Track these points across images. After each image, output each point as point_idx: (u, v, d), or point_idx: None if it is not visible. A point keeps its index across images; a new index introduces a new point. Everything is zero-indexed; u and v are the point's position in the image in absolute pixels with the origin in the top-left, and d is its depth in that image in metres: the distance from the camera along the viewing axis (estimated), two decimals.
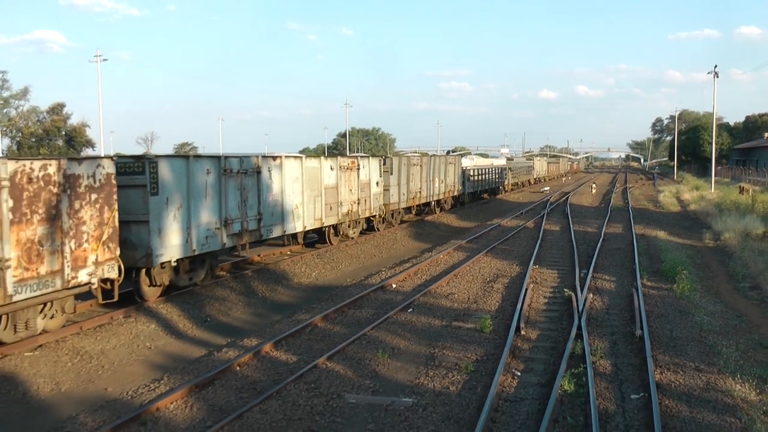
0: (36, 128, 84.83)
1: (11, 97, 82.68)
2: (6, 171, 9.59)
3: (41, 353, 10.52)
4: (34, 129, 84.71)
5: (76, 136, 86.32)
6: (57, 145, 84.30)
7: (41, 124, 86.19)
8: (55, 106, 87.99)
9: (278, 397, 8.41)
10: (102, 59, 49.53)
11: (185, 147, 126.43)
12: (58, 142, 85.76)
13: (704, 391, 8.62)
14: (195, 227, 13.58)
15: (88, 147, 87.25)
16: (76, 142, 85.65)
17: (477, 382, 9.00)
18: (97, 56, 49.90)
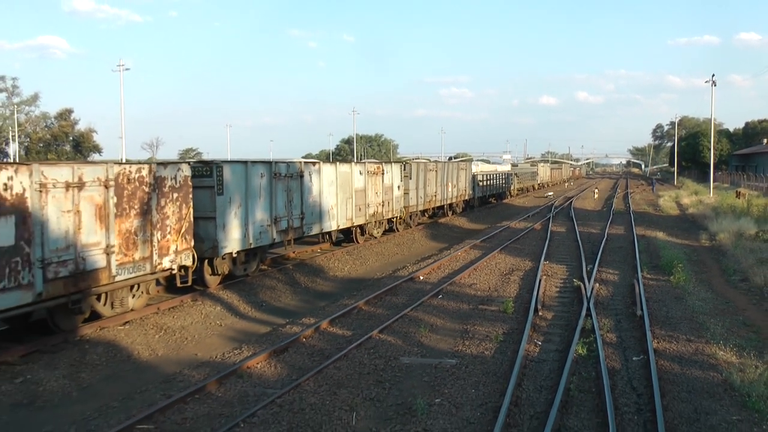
0: (44, 133, 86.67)
1: (22, 103, 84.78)
2: (112, 173, 11.53)
3: (131, 327, 12.41)
4: (42, 134, 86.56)
5: (83, 142, 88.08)
6: (64, 150, 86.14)
7: (49, 129, 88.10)
8: (63, 112, 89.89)
9: (346, 359, 10.31)
10: (124, 68, 51.51)
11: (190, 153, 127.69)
12: (66, 147, 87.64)
13: (693, 355, 10.50)
14: (251, 224, 15.52)
15: (95, 152, 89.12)
16: (84, 147, 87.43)
17: (506, 348, 10.90)
18: (119, 65, 52.00)
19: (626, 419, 7.91)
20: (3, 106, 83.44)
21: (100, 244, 11.37)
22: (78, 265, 10.95)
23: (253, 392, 9.00)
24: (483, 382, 9.33)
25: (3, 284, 9.66)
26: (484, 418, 7.98)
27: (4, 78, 78.45)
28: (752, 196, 44.17)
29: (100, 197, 11.32)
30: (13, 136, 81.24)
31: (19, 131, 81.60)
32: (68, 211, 10.73)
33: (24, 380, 9.78)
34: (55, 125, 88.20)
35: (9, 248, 9.74)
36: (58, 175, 10.55)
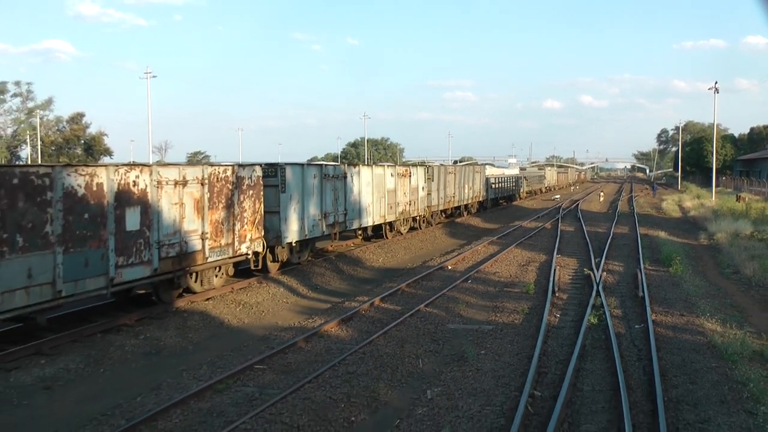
0: (56, 137, 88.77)
1: (36, 107, 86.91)
2: (206, 173, 14.01)
3: (214, 302, 14.85)
4: (54, 138, 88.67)
5: (94, 145, 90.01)
6: (76, 154, 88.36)
7: (61, 133, 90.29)
8: (75, 116, 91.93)
9: (403, 324, 12.74)
10: (152, 76, 54.06)
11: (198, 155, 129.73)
12: (77, 150, 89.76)
13: (684, 324, 12.89)
14: (306, 217, 18.00)
15: (106, 155, 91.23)
16: (95, 150, 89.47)
17: (531, 318, 13.33)
18: (146, 73, 54.54)
19: (629, 364, 10.30)
20: (18, 110, 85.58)
21: (197, 231, 13.85)
22: (182, 248, 13.43)
23: (336, 347, 11.43)
24: (516, 340, 11.76)
25: (132, 260, 12.13)
26: (521, 363, 10.40)
27: (19, 83, 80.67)
28: (752, 200, 46.55)
29: (197, 193, 13.81)
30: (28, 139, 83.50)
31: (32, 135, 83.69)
32: (175, 203, 13.20)
33: (145, 337, 12.25)
34: (67, 129, 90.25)
35: (136, 232, 12.22)
36: (169, 175, 13.03)
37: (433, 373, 10.12)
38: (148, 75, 54.85)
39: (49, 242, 10.51)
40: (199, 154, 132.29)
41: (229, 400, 8.90)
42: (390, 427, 8.02)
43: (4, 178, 9.82)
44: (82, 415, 8.74)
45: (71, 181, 10.86)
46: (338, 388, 9.22)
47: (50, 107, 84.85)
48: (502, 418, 8.16)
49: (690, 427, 7.90)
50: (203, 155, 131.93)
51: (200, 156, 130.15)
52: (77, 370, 10.57)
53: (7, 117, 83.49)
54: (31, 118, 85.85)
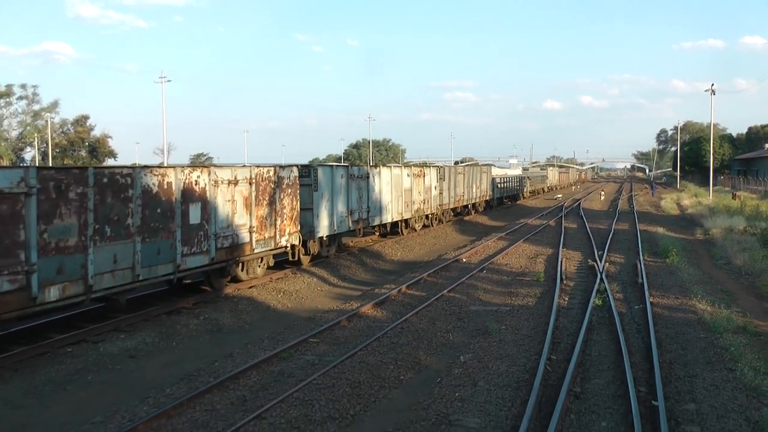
0: (60, 139, 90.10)
1: (42, 110, 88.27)
2: (254, 173, 15.72)
3: (257, 290, 16.54)
4: (59, 140, 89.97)
5: (99, 147, 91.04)
6: (80, 156, 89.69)
7: (66, 135, 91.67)
8: (80, 118, 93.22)
9: (431, 306, 14.45)
10: (166, 80, 55.78)
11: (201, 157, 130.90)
12: (81, 152, 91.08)
13: (678, 305, 14.59)
14: (335, 214, 19.71)
15: (110, 157, 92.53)
16: (99, 152, 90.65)
17: (543, 301, 15.04)
18: (161, 78, 56.30)
19: (630, 336, 12.00)
20: (24, 113, 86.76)
21: (246, 224, 15.56)
22: (233, 240, 15.14)
23: (375, 324, 13.14)
24: (531, 318, 13.48)
25: (194, 249, 13.85)
26: (537, 335, 12.10)
27: (24, 86, 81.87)
28: (747, 198, 48.29)
29: (246, 191, 15.52)
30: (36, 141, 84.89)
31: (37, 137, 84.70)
32: (228, 200, 14.92)
33: (205, 318, 13.95)
34: (72, 131, 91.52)
35: (197, 225, 13.93)
36: (223, 175, 14.75)
37: (462, 343, 11.82)
38: (163, 79, 56.60)
39: (130, 233, 12.22)
40: (201, 156, 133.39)
41: (295, 365, 10.60)
42: (434, 383, 9.72)
43: (97, 178, 11.52)
44: (170, 376, 10.44)
45: (147, 181, 12.58)
46: (386, 354, 10.94)
47: (56, 110, 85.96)
48: (526, 374, 9.88)
49: (680, 380, 9.61)
50: (206, 157, 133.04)
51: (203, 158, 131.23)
52: (154, 343, 12.27)
53: (13, 120, 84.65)
54: (37, 120, 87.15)
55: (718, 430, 7.94)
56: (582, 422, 8.16)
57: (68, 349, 11.53)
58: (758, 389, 9.21)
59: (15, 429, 8.62)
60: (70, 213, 10.99)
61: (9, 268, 10.01)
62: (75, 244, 11.09)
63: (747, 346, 11.42)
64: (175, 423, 8.33)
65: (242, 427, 7.95)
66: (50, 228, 10.65)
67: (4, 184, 9.95)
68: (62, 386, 10.09)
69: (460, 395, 9.10)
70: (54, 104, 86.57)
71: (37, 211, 10.38)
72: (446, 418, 8.30)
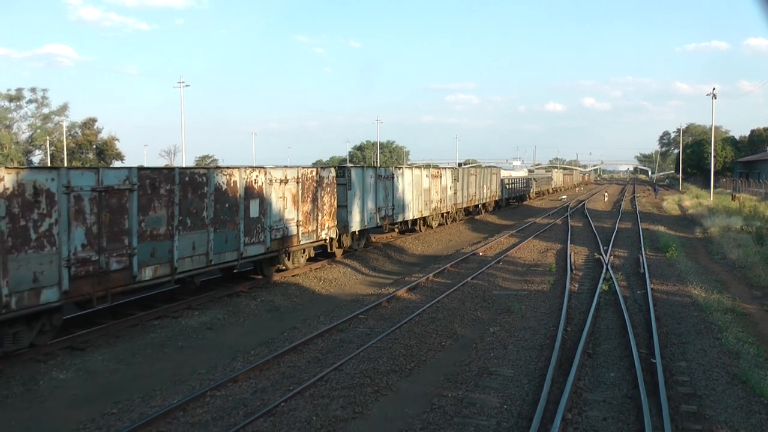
0: (68, 142, 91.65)
1: (52, 113, 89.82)
2: (300, 174, 17.77)
3: (300, 278, 18.58)
4: (67, 142, 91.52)
5: (106, 149, 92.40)
6: (88, 158, 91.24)
7: (74, 138, 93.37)
8: (87, 121, 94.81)
9: (458, 290, 16.48)
10: (184, 85, 57.83)
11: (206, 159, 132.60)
12: (89, 155, 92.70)
13: (676, 290, 16.61)
14: (365, 211, 21.76)
15: (118, 159, 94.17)
16: (107, 154, 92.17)
17: (556, 287, 17.06)
18: (180, 83, 58.36)
19: (633, 313, 14.01)
20: (33, 116, 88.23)
21: (294, 219, 17.62)
22: (284, 232, 17.20)
23: (412, 305, 15.17)
24: (547, 300, 15.51)
25: (253, 240, 15.90)
26: (553, 313, 14.13)
27: (34, 89, 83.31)
28: (747, 199, 50.22)
29: (294, 189, 17.58)
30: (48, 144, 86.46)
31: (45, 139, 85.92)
32: (280, 197, 16.97)
33: (262, 300, 15.99)
34: (80, 134, 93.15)
35: (255, 218, 15.98)
36: (276, 175, 16.81)
37: (490, 319, 13.86)
38: (181, 84, 58.65)
39: (205, 224, 14.28)
40: (207, 158, 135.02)
41: (352, 335, 12.64)
42: (471, 348, 11.75)
43: (181, 177, 13.58)
44: (249, 343, 12.47)
45: (219, 179, 14.63)
46: (427, 326, 12.98)
47: (65, 113, 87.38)
48: (547, 340, 11.91)
49: (674, 345, 11.63)
50: (211, 159, 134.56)
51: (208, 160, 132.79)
52: (225, 319, 14.32)
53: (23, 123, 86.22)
54: (47, 123, 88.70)
55: (703, 379, 9.95)
56: (595, 373, 10.19)
57: (155, 322, 13.59)
58: (738, 352, 11.22)
59: (134, 379, 10.66)
60: (161, 206, 13.05)
61: (117, 251, 12.07)
62: (164, 233, 13.16)
63: (733, 322, 13.44)
64: (267, 374, 10.37)
65: (325, 376, 9.99)
66: (146, 218, 12.71)
67: (114, 182, 12.00)
68: (160, 349, 12.15)
69: (495, 355, 11.14)
70: (63, 107, 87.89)
71: (137, 204, 12.44)
72: (486, 370, 10.34)
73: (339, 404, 8.94)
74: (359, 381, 9.85)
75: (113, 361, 11.46)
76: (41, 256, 10.69)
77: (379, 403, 9.14)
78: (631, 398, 9.05)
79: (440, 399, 9.17)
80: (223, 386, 9.78)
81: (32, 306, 10.64)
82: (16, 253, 10.28)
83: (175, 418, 8.68)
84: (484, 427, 8.15)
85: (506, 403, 8.94)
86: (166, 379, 10.41)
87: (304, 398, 9.15)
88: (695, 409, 8.68)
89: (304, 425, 8.25)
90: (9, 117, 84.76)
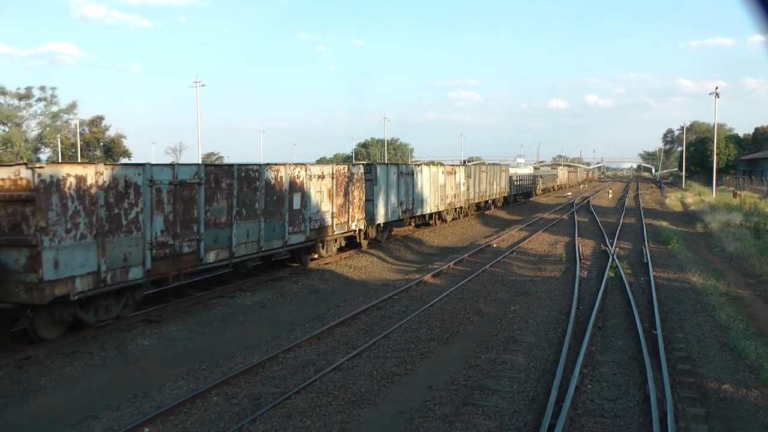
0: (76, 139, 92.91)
1: (61, 111, 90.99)
2: (334, 170, 19.55)
3: (332, 265, 20.38)
4: (74, 140, 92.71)
5: (114, 147, 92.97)
6: (95, 155, 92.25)
7: (81, 135, 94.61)
8: (95, 119, 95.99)
9: (477, 277, 18.26)
10: (200, 85, 59.53)
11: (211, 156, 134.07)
12: (96, 152, 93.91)
13: (676, 278, 18.36)
14: (389, 205, 23.56)
15: (125, 156, 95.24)
16: (114, 152, 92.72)
17: (567, 273, 18.84)
18: (196, 82, 60.08)
19: (636, 296, 15.77)
20: (42, 114, 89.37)
21: (329, 211, 19.41)
22: (321, 223, 18.99)
23: (438, 288, 16.95)
24: (559, 284, 17.29)
25: (295, 229, 17.70)
26: (566, 295, 15.91)
27: (44, 88, 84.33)
28: (747, 196, 51.89)
29: (329, 184, 19.37)
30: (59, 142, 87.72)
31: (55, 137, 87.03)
32: (318, 191, 18.76)
33: (302, 284, 17.79)
34: (87, 132, 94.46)
35: (298, 210, 17.77)
36: (315, 171, 18.60)
37: (509, 300, 15.65)
38: (198, 83, 60.37)
39: (257, 214, 16.08)
40: (212, 155, 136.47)
41: (391, 312, 14.43)
42: (496, 322, 13.52)
43: (239, 173, 15.36)
44: (299, 318, 14.26)
45: (268, 175, 16.42)
46: (456, 304, 14.77)
47: (74, 111, 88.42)
48: (562, 316, 13.70)
49: (673, 321, 13.40)
50: (216, 156, 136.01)
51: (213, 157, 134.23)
52: (273, 299, 16.12)
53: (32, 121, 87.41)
54: (56, 121, 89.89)
55: (697, 347, 11.72)
56: (605, 342, 11.96)
57: (214, 301, 15.40)
58: (729, 326, 12.99)
59: (210, 345, 12.45)
60: (222, 198, 14.84)
61: (188, 236, 13.88)
62: (225, 221, 14.96)
63: (726, 303, 15.19)
64: (325, 342, 12.16)
65: (376, 343, 11.78)
66: (211, 209, 14.50)
67: (186, 177, 13.80)
68: (225, 322, 13.96)
69: (518, 327, 12.93)
70: (72, 105, 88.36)
71: (204, 196, 14.23)
72: (512, 338, 12.13)
73: (392, 363, 10.73)
74: (405, 346, 11.65)
75: (186, 331, 13.27)
76: (130, 240, 12.50)
77: (424, 362, 10.93)
78: (635, 359, 10.82)
79: (476, 360, 10.95)
80: (290, 350, 11.57)
81: (122, 282, 12.45)
82: (111, 237, 12.08)
83: (257, 373, 10.47)
84: (516, 378, 9.93)
85: (532, 361, 10.73)
86: (239, 345, 12.21)
87: (363, 358, 10.94)
88: (689, 368, 10.45)
89: (367, 377, 10.04)
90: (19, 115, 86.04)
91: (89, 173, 11.71)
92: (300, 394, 9.35)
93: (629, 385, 9.68)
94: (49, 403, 9.90)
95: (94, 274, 11.79)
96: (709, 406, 8.89)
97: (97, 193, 11.78)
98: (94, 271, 11.78)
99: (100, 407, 9.39)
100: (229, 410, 8.94)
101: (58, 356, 11.50)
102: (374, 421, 8.56)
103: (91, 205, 11.67)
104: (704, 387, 9.63)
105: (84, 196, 11.55)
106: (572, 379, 9.39)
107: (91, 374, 10.98)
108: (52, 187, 11.05)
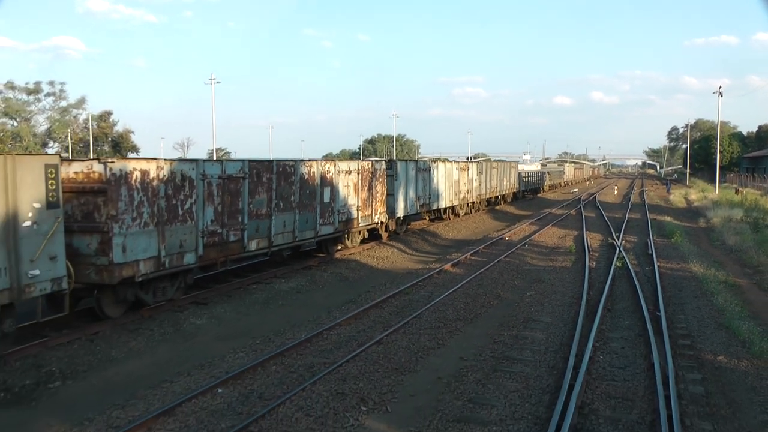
0: (85, 134, 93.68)
1: (70, 106, 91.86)
2: (359, 166, 20.91)
3: (357, 255, 21.75)
4: (82, 135, 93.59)
5: (122, 142, 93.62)
6: (103, 150, 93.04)
7: (89, 130, 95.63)
8: (103, 114, 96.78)
9: (494, 266, 19.62)
10: (215, 82, 60.85)
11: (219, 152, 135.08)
12: (104, 147, 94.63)
13: (679, 268, 19.69)
14: (408, 199, 24.93)
15: (133, 152, 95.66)
16: (122, 147, 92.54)
17: (577, 263, 20.19)
18: (211, 79, 61.43)
19: (642, 283, 17.10)
20: (51, 109, 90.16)
21: (355, 204, 20.79)
22: (347, 215, 20.37)
23: (458, 276, 18.31)
24: (571, 273, 18.64)
25: (326, 221, 19.08)
26: (577, 282, 17.26)
27: (53, 83, 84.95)
28: (750, 193, 53.07)
29: (355, 179, 20.74)
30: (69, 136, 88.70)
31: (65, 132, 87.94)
32: (345, 186, 20.12)
33: (331, 272, 19.17)
34: (95, 127, 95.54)
35: (327, 203, 19.15)
36: (343, 167, 19.97)
37: (525, 286, 17.01)
38: (213, 80, 61.69)
39: (292, 207, 17.45)
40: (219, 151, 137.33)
41: (417, 296, 15.80)
42: (514, 305, 14.88)
43: (277, 168, 16.73)
44: (334, 302, 15.64)
45: (302, 170, 17.79)
46: (477, 290, 16.14)
47: (83, 106, 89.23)
48: (574, 300, 15.06)
49: (675, 305, 14.75)
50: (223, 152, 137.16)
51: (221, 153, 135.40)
52: (307, 286, 17.50)
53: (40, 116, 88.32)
54: (65, 116, 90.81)
55: (696, 326, 13.06)
56: (614, 321, 13.32)
57: (253, 287, 16.80)
58: (725, 309, 14.32)
59: (257, 324, 13.83)
60: (263, 191, 16.22)
61: (233, 226, 15.26)
62: (265, 213, 16.34)
63: (724, 290, 16.52)
64: (362, 321, 13.54)
65: (410, 322, 13.16)
66: (253, 201, 15.89)
67: (233, 171, 15.17)
68: (266, 306, 15.36)
69: (535, 309, 14.30)
70: (81, 101, 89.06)
71: (248, 189, 15.61)
72: (530, 317, 13.51)
73: (426, 338, 12.11)
74: (435, 325, 13.02)
75: (233, 312, 14.67)
76: (185, 228, 13.89)
77: (453, 338, 12.30)
78: (641, 336, 12.17)
79: (499, 336, 12.32)
80: (332, 329, 12.94)
81: (178, 266, 13.85)
82: (169, 225, 13.47)
83: (307, 347, 11.84)
84: (537, 350, 11.31)
85: (550, 337, 12.11)
86: (284, 324, 13.60)
87: (399, 334, 12.32)
88: (689, 343, 11.80)
89: (406, 350, 11.42)
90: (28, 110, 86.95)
91: (152, 168, 13.09)
92: (349, 363, 10.72)
93: (636, 356, 11.04)
94: (123, 370, 11.30)
95: (155, 259, 13.18)
96: (705, 373, 10.24)
97: (158, 185, 13.16)
98: (155, 256, 13.17)
99: (172, 374, 10.79)
100: (288, 376, 10.32)
101: (123, 332, 12.89)
102: (417, 385, 9.93)
103: (153, 196, 13.05)
104: (701, 358, 10.99)
105: (147, 188, 12.93)
106: (586, 351, 10.73)
107: (155, 347, 12.38)
108: (121, 179, 12.43)
